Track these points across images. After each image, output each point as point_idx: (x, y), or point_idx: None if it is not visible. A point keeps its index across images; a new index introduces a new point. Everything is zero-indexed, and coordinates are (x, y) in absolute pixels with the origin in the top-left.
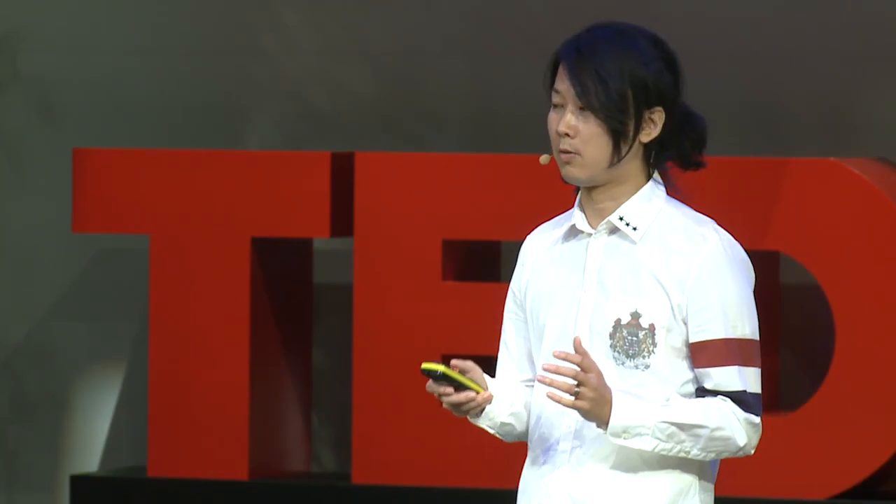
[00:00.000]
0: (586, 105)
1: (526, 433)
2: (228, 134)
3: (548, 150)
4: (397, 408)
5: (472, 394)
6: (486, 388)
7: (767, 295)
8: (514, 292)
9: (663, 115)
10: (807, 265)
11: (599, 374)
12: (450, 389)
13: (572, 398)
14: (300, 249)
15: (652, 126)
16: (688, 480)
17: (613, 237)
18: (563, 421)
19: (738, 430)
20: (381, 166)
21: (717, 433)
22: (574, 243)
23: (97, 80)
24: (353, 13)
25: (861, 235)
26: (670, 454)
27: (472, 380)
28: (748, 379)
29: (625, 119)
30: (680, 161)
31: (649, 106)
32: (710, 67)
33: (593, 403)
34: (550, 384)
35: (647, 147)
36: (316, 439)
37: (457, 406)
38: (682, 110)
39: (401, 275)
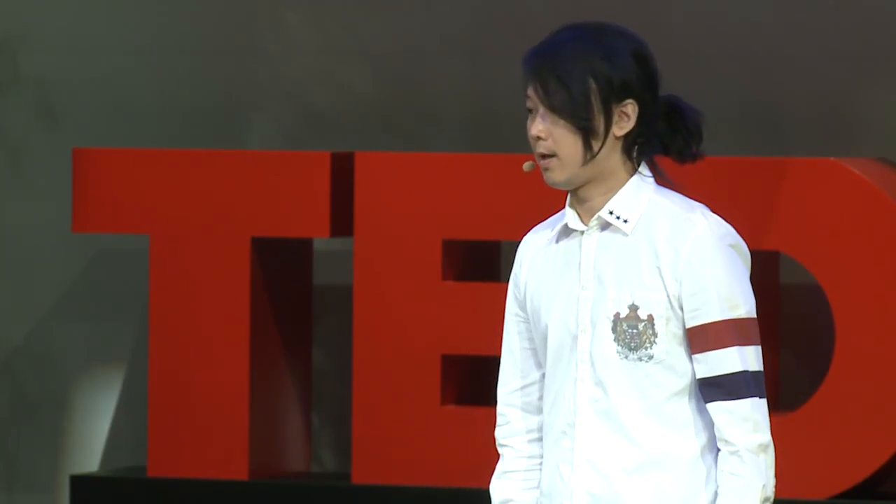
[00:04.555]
0: (550, 107)
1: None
2: (228, 134)
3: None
4: (397, 408)
5: None
6: None
7: (767, 295)
8: (514, 293)
9: (636, 108)
10: (807, 265)
11: None
12: None
13: None
14: (300, 249)
15: (625, 119)
16: (704, 477)
17: (606, 232)
18: (576, 423)
19: (752, 476)
20: (381, 166)
21: (766, 493)
22: (568, 242)
23: (97, 80)
24: (354, 13)
25: (861, 235)
26: None
27: None
28: (748, 358)
29: (590, 116)
30: (676, 155)
31: (618, 100)
32: (710, 67)
33: None
34: None
35: (625, 140)
36: (316, 439)
37: None
38: (670, 102)
39: (401, 275)
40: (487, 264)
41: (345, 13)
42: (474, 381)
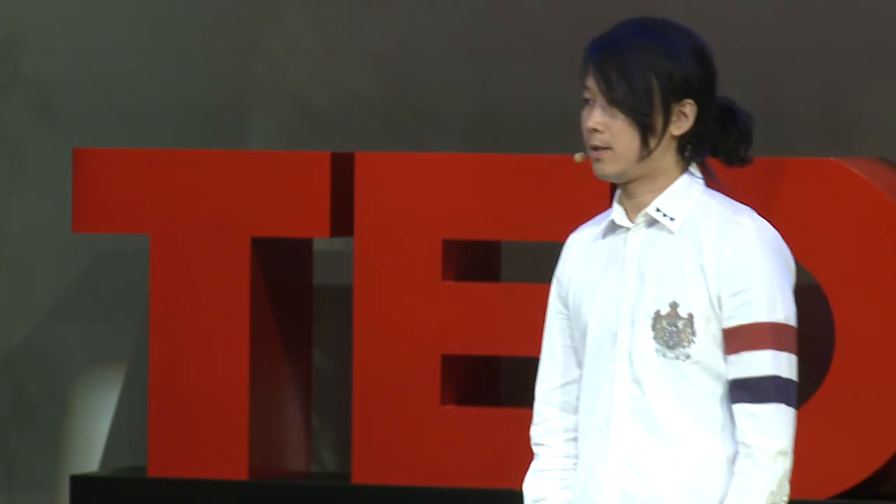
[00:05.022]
0: (610, 100)
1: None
2: (228, 134)
3: (542, 149)
4: (397, 408)
5: None
6: None
7: None
8: (557, 291)
9: (695, 108)
10: (807, 265)
11: None
12: None
13: None
14: (300, 249)
15: (683, 119)
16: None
17: (652, 229)
18: (612, 420)
19: (761, 479)
20: (381, 166)
21: (773, 500)
22: (614, 238)
23: (97, 80)
24: (354, 13)
25: (861, 235)
26: None
27: None
28: (781, 364)
29: (650, 112)
30: (724, 157)
31: (678, 98)
32: None
33: None
34: None
35: (680, 140)
36: (316, 439)
37: None
38: (723, 105)
39: (401, 275)
40: (487, 264)
41: (345, 13)
42: (474, 381)
